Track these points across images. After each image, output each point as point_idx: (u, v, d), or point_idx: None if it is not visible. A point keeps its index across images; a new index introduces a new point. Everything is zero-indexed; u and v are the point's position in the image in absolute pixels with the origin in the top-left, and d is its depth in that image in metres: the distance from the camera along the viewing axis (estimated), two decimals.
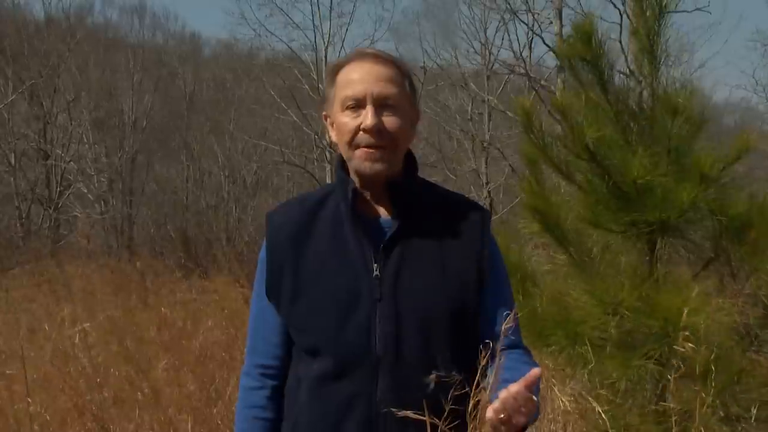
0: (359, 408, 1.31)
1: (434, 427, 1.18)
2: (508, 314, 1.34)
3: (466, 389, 1.21)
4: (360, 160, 1.33)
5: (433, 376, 1.22)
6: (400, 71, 1.36)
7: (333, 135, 1.39)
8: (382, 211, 1.38)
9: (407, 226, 1.35)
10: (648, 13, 2.44)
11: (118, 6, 40.65)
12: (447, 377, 1.22)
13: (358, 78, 1.33)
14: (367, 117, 1.30)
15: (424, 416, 1.17)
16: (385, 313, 1.31)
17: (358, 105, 1.32)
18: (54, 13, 17.25)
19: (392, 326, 1.30)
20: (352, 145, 1.33)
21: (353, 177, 1.37)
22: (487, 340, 1.22)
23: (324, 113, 1.42)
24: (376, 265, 1.33)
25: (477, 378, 1.18)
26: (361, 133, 1.31)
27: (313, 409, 1.34)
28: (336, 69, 1.38)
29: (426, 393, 1.23)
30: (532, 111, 2.44)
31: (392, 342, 1.30)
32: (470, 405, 1.19)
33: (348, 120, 1.33)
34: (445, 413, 1.18)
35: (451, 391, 1.21)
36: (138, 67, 17.41)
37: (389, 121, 1.32)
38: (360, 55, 1.36)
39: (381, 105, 1.32)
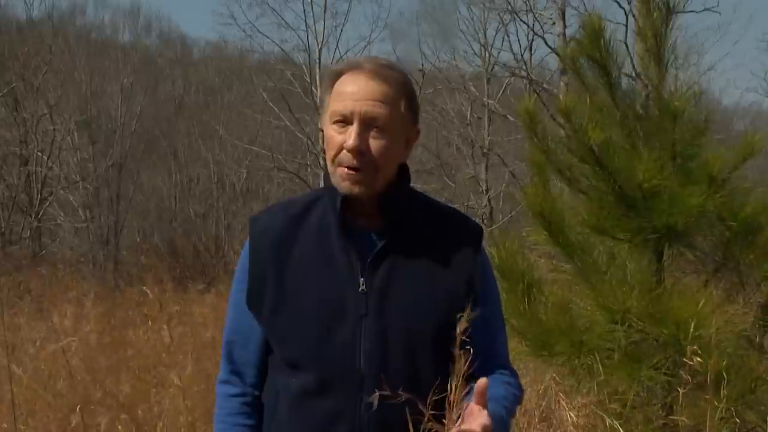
0: (342, 426, 1.27)
1: None
2: (500, 331, 1.39)
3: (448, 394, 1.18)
4: (339, 179, 1.30)
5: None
6: (397, 89, 1.31)
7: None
8: (372, 224, 1.33)
9: (396, 240, 1.32)
10: (655, 14, 2.36)
11: (111, 8, 40.12)
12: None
13: (350, 93, 1.29)
14: (350, 137, 1.27)
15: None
16: (371, 330, 1.28)
17: (345, 121, 1.28)
18: (36, 16, 17.00)
19: (377, 343, 1.28)
20: (335, 161, 1.30)
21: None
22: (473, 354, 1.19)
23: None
24: (362, 279, 1.29)
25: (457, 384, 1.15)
26: (343, 151, 1.28)
27: (293, 425, 1.31)
28: (335, 75, 1.34)
29: (410, 412, 1.17)
30: (535, 114, 2.34)
31: (377, 359, 1.27)
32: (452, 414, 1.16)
33: (334, 134, 1.30)
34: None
35: (429, 398, 1.17)
36: (129, 70, 17.11)
37: (374, 143, 1.28)
38: (356, 67, 1.31)
39: (368, 125, 1.28)
